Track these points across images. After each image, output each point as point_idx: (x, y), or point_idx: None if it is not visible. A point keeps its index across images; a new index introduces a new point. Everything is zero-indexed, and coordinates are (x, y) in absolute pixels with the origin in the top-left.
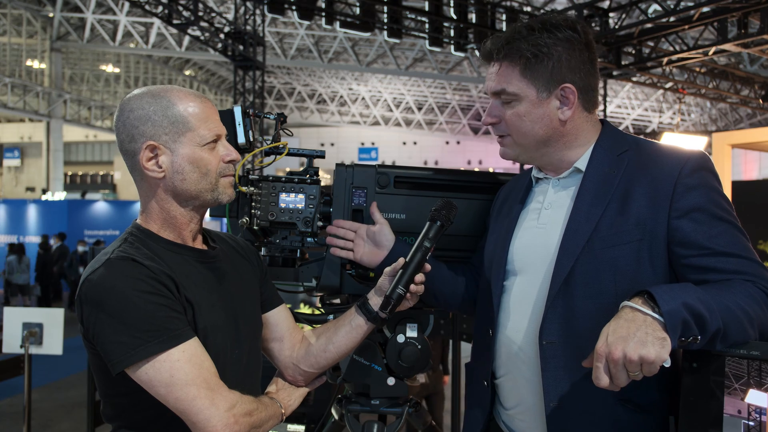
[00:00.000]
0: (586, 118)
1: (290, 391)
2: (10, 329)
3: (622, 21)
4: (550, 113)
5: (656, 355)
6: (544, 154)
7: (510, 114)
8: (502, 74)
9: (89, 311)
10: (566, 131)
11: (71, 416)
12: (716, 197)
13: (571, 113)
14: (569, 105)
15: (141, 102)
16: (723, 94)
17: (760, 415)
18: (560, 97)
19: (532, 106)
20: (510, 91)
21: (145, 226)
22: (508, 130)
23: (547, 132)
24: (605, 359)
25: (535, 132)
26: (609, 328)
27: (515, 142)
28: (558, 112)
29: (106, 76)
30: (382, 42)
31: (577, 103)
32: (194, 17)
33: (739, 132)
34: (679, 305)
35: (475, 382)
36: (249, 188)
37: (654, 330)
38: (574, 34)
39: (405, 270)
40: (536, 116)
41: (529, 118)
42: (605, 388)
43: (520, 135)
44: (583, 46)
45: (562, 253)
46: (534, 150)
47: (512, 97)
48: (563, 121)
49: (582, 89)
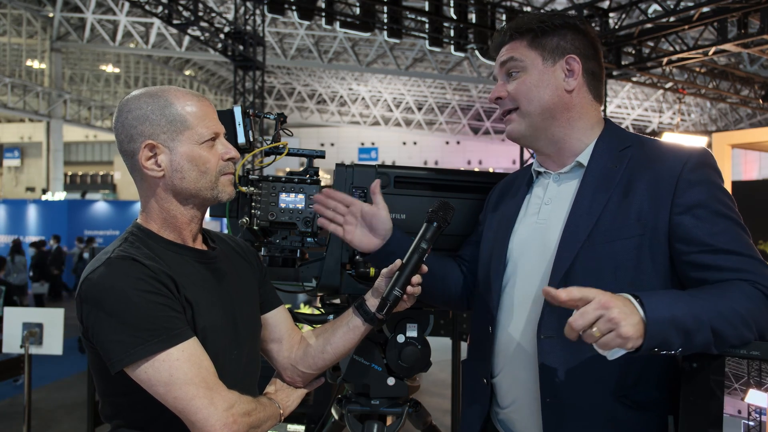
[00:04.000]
0: (591, 103)
1: (289, 392)
2: (10, 329)
3: (622, 21)
4: (556, 81)
5: (629, 336)
6: (549, 128)
7: (516, 84)
8: (511, 47)
9: (89, 310)
10: (572, 103)
11: (71, 416)
12: (718, 194)
13: (576, 84)
14: (574, 76)
15: (139, 102)
16: (723, 94)
17: (760, 415)
18: (565, 69)
19: (538, 74)
20: (517, 57)
21: (145, 225)
22: (515, 100)
23: (552, 99)
24: (596, 298)
25: (541, 97)
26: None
27: (521, 113)
28: (563, 82)
29: (106, 76)
30: (382, 42)
31: (582, 80)
32: (194, 17)
33: (739, 132)
34: (665, 318)
35: (473, 380)
36: (249, 188)
37: (639, 326)
38: (580, 24)
39: (402, 271)
40: (542, 83)
41: (534, 85)
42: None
43: (526, 101)
44: (587, 35)
45: (563, 248)
46: (540, 121)
47: (519, 66)
48: (569, 91)
49: (586, 70)
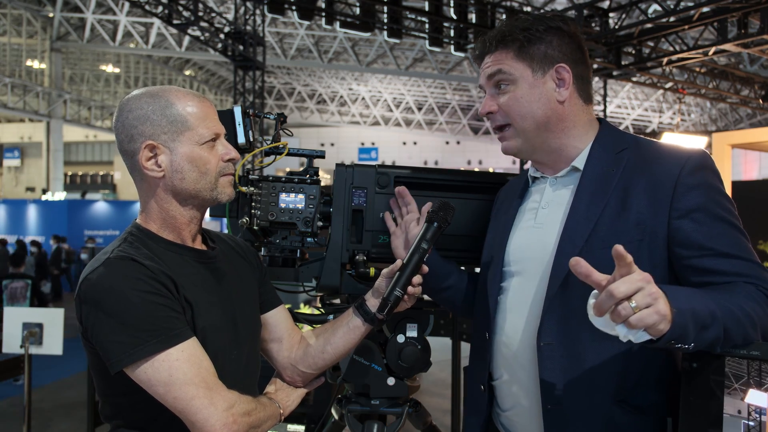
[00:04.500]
0: (582, 108)
1: (289, 392)
2: (10, 329)
3: (622, 21)
4: (547, 93)
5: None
6: (545, 141)
7: (507, 99)
8: (497, 58)
9: (88, 310)
10: (565, 113)
11: (71, 416)
12: (717, 197)
13: (568, 94)
14: (565, 86)
15: (139, 102)
16: (723, 94)
17: (760, 415)
18: (555, 79)
19: (528, 87)
20: (506, 70)
21: (144, 226)
22: (508, 117)
23: (546, 112)
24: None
25: (534, 112)
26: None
27: (516, 129)
28: (555, 93)
29: (106, 76)
30: (382, 42)
31: (573, 87)
32: (194, 17)
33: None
34: (687, 309)
35: (472, 387)
36: (249, 188)
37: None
38: (564, 25)
39: (402, 272)
40: (533, 97)
41: (526, 99)
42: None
43: (519, 118)
44: (573, 37)
45: (560, 254)
46: (535, 136)
47: (508, 79)
48: (561, 102)
49: (576, 75)
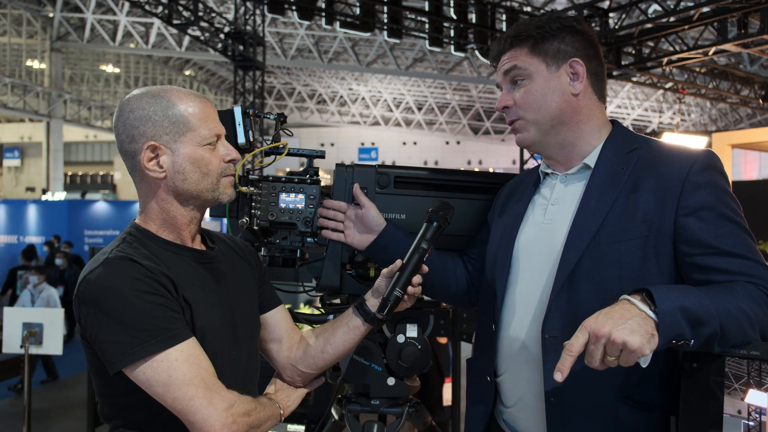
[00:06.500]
0: (597, 105)
1: (289, 392)
2: (10, 329)
3: (622, 21)
4: (562, 86)
5: (639, 345)
6: (558, 133)
7: (523, 93)
8: (512, 55)
9: (87, 311)
10: (579, 106)
11: (71, 416)
12: (724, 197)
13: (581, 87)
14: (579, 79)
15: (141, 102)
16: (723, 94)
17: (760, 415)
18: (569, 73)
19: (543, 81)
20: (521, 66)
21: (143, 226)
22: (522, 110)
23: (560, 105)
24: (588, 332)
25: (548, 105)
26: (603, 310)
27: (530, 121)
28: (569, 86)
29: (106, 76)
30: (382, 42)
31: (587, 82)
32: (194, 17)
33: (739, 132)
34: (675, 308)
35: (477, 379)
36: (249, 188)
37: (646, 324)
38: (577, 24)
39: (402, 272)
40: (548, 90)
41: (541, 93)
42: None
43: (534, 111)
44: (586, 35)
45: (568, 248)
46: (549, 128)
47: (523, 74)
48: (575, 94)
49: (590, 71)
